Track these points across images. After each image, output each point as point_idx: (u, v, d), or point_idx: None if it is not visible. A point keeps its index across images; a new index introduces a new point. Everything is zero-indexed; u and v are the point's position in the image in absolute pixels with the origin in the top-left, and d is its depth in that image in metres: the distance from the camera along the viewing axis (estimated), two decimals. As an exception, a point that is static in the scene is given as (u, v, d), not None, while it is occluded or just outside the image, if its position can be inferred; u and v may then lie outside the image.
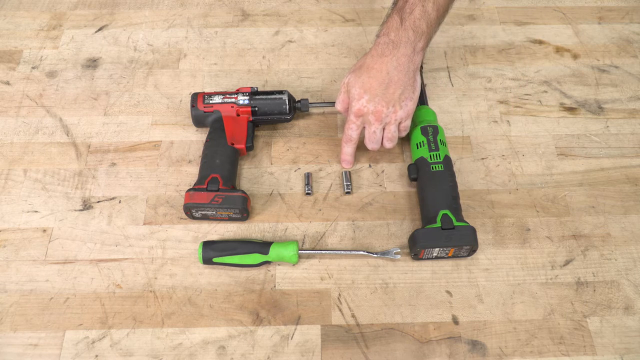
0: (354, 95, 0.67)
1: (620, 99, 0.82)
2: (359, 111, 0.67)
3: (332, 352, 0.60)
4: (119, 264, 0.66)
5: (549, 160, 0.75)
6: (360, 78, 0.66)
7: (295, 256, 0.64)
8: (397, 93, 0.66)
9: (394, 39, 0.64)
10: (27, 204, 0.71)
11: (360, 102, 0.66)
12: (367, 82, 0.65)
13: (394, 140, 0.70)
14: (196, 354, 0.60)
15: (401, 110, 0.67)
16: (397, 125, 0.69)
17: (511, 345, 0.61)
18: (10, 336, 0.61)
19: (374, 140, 0.69)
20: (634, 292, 0.64)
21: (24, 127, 0.78)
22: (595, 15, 0.92)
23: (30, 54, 0.86)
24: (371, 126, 0.68)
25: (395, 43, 0.64)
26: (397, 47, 0.64)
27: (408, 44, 0.64)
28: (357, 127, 0.69)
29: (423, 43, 0.66)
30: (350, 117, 0.68)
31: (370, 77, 0.65)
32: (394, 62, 0.64)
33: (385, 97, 0.65)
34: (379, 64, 0.65)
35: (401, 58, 0.64)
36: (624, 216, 0.70)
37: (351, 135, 0.70)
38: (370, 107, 0.66)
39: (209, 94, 0.74)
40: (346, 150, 0.72)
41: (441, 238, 0.62)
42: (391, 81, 0.65)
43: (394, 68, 0.65)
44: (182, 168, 0.74)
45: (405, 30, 0.64)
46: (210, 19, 0.91)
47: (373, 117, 0.67)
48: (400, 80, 0.65)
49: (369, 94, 0.66)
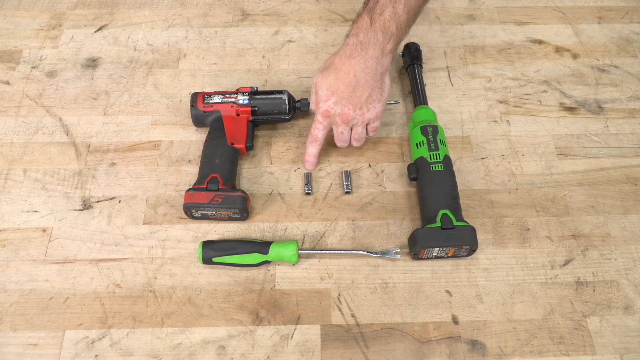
0: (321, 96, 0.66)
1: (620, 99, 0.82)
2: (326, 113, 0.66)
3: (332, 352, 0.60)
4: (119, 264, 0.66)
5: (549, 160, 0.75)
6: (327, 79, 0.66)
7: (295, 256, 0.64)
8: (365, 96, 0.65)
9: (363, 40, 0.64)
10: (27, 204, 0.71)
11: (328, 104, 0.66)
12: (335, 84, 0.65)
13: (361, 140, 0.71)
14: (196, 354, 0.60)
15: (369, 113, 0.67)
16: (364, 126, 0.69)
17: (511, 345, 0.61)
18: (10, 336, 0.61)
19: (342, 139, 0.70)
20: (634, 292, 0.64)
21: (24, 127, 0.78)
22: (595, 15, 0.92)
23: (30, 54, 0.86)
24: (339, 127, 0.68)
25: (364, 45, 0.64)
26: (366, 49, 0.64)
27: (377, 45, 0.64)
28: (323, 128, 0.68)
29: (392, 45, 0.65)
30: (317, 117, 0.68)
31: (338, 79, 0.65)
32: (362, 64, 0.64)
33: (353, 100, 0.65)
34: (347, 65, 0.65)
35: (369, 60, 0.64)
36: (624, 216, 0.70)
37: (317, 136, 0.69)
38: (338, 110, 0.66)
39: (209, 94, 0.74)
40: (310, 151, 0.71)
41: (441, 238, 0.62)
42: (359, 84, 0.65)
43: (361, 70, 0.64)
44: (182, 168, 0.74)
45: (375, 32, 0.64)
46: (210, 19, 0.91)
47: (340, 119, 0.67)
48: (367, 83, 0.65)
49: (336, 96, 0.65)
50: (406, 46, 0.83)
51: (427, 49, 0.87)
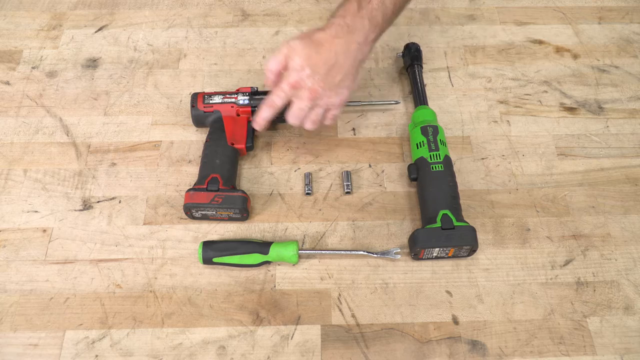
0: (294, 64, 0.63)
1: (620, 99, 0.82)
2: (296, 83, 0.63)
3: (332, 352, 0.60)
4: (119, 264, 0.66)
5: (549, 160, 0.75)
6: (307, 49, 0.63)
7: (295, 256, 0.64)
8: (338, 78, 0.64)
9: (350, 23, 0.63)
10: (27, 204, 0.71)
11: (300, 75, 0.63)
12: (314, 57, 0.62)
13: (316, 124, 0.67)
14: (196, 354, 0.60)
15: (336, 97, 0.65)
16: (324, 110, 0.66)
17: (511, 345, 0.61)
18: (10, 336, 0.61)
19: (297, 116, 0.66)
20: (634, 292, 0.64)
21: (24, 127, 0.78)
22: (595, 15, 0.92)
23: (30, 54, 0.86)
24: (301, 102, 0.64)
25: (350, 28, 0.63)
26: (352, 33, 0.63)
27: (362, 32, 0.63)
28: (285, 97, 0.65)
29: (375, 35, 0.65)
30: (283, 85, 0.64)
31: (318, 52, 0.62)
32: (345, 46, 0.63)
33: (326, 78, 0.63)
34: (329, 43, 0.63)
35: (352, 44, 0.63)
36: (624, 216, 0.70)
37: (275, 103, 0.66)
38: (309, 83, 0.63)
39: (209, 94, 0.74)
40: (264, 114, 0.67)
41: (441, 238, 0.62)
42: (336, 64, 0.63)
43: (342, 52, 0.63)
44: (182, 168, 0.74)
45: (362, 18, 0.63)
46: (210, 19, 0.91)
47: (307, 93, 0.63)
48: (345, 66, 0.63)
49: (311, 69, 0.62)
50: (406, 46, 0.83)
51: (427, 49, 0.87)
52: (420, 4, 0.94)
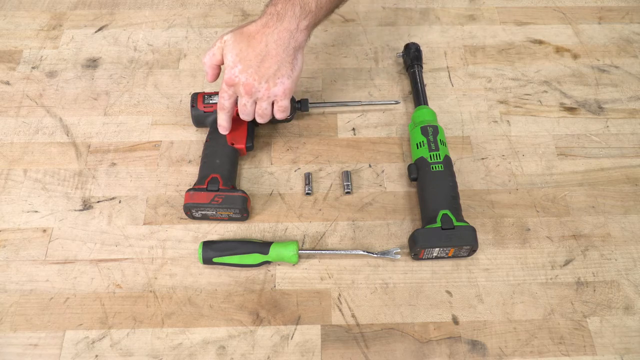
0: (228, 62, 0.64)
1: (620, 99, 0.82)
2: (230, 80, 0.64)
3: (332, 352, 0.60)
4: (119, 264, 0.66)
5: (549, 160, 0.75)
6: (238, 44, 0.63)
7: (295, 256, 0.64)
8: (273, 69, 0.63)
9: (280, 10, 0.62)
10: (27, 204, 0.71)
11: (233, 71, 0.63)
12: (244, 51, 0.62)
13: (265, 117, 0.67)
14: (196, 354, 0.60)
15: (275, 88, 0.64)
16: (269, 102, 0.66)
17: (511, 345, 0.61)
18: (10, 336, 0.61)
19: (244, 112, 0.67)
20: (634, 292, 0.64)
21: (24, 127, 0.78)
22: (595, 15, 0.92)
23: (30, 54, 0.86)
24: (242, 98, 0.65)
25: (280, 15, 0.62)
26: (281, 20, 0.62)
27: (293, 18, 0.62)
28: (229, 97, 0.66)
29: (308, 22, 0.64)
30: (222, 85, 0.66)
31: (249, 46, 0.62)
32: (275, 35, 0.62)
33: (259, 70, 0.63)
34: (260, 34, 0.62)
35: (283, 32, 0.62)
36: (624, 216, 0.70)
37: (224, 104, 0.67)
38: (242, 79, 0.63)
39: (209, 94, 0.74)
40: (221, 117, 0.69)
41: (441, 238, 0.62)
42: (268, 54, 0.62)
43: (273, 41, 0.62)
44: (182, 168, 0.74)
45: (293, 5, 0.62)
46: (210, 19, 0.91)
47: (243, 89, 0.64)
48: (278, 56, 0.63)
49: (243, 64, 0.63)
50: (406, 46, 0.83)
51: (427, 49, 0.87)
52: (420, 4, 0.94)
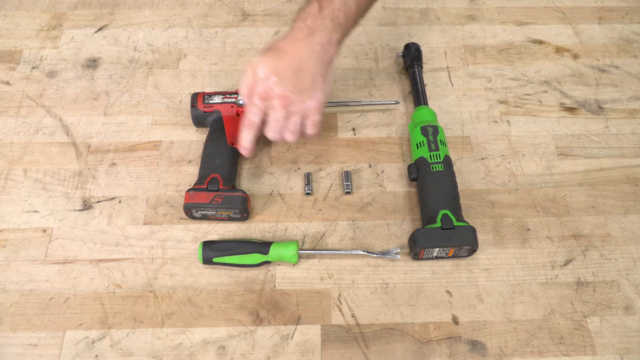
0: (260, 75, 0.61)
1: (620, 99, 0.82)
2: (264, 93, 0.62)
3: (332, 352, 0.60)
4: (119, 264, 0.66)
5: (549, 160, 0.75)
6: (270, 59, 0.62)
7: (295, 256, 0.64)
8: (308, 82, 0.62)
9: (311, 25, 0.61)
10: (27, 204, 0.71)
11: (267, 84, 0.61)
12: (277, 64, 0.61)
13: (295, 133, 0.64)
14: (196, 354, 0.60)
15: (310, 101, 0.63)
16: (301, 117, 0.64)
17: (511, 345, 0.61)
18: (10, 336, 0.61)
19: (275, 128, 0.64)
20: (634, 292, 0.64)
21: (24, 127, 0.78)
22: (595, 15, 0.92)
23: (30, 54, 0.86)
24: (275, 112, 0.63)
25: (311, 30, 0.61)
26: (313, 34, 0.61)
27: (324, 32, 0.62)
28: (259, 112, 0.63)
29: (339, 36, 0.63)
30: (253, 99, 0.63)
31: (281, 59, 0.61)
32: (308, 48, 0.61)
33: (295, 82, 0.61)
34: (291, 47, 0.62)
35: (315, 46, 0.61)
36: (624, 216, 0.70)
37: (253, 121, 0.64)
38: (277, 91, 0.61)
39: (209, 94, 0.74)
40: (246, 136, 0.65)
41: (441, 238, 0.62)
42: (302, 67, 0.61)
43: (306, 54, 0.61)
44: (182, 168, 0.74)
45: (324, 18, 0.61)
46: (210, 19, 0.91)
47: (278, 102, 0.62)
48: (312, 68, 0.62)
49: (277, 76, 0.61)
50: (406, 46, 0.83)
51: (427, 49, 0.87)
52: (420, 4, 0.94)
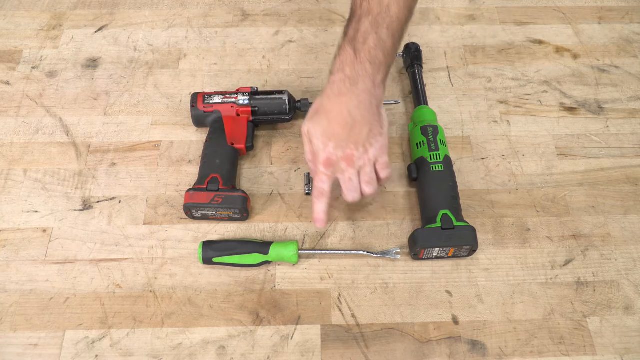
0: (318, 145, 0.60)
1: (620, 99, 0.82)
2: (327, 161, 0.60)
3: (332, 352, 0.60)
4: (119, 264, 0.66)
5: (549, 160, 0.75)
6: (320, 125, 0.59)
7: (295, 256, 0.64)
8: (365, 132, 0.59)
9: (350, 74, 0.57)
10: (27, 204, 0.71)
11: (327, 151, 0.59)
12: (329, 128, 0.59)
13: (372, 183, 0.62)
14: (196, 354, 0.60)
15: (372, 149, 0.60)
16: (372, 166, 0.62)
17: (511, 345, 0.61)
18: (10, 336, 0.61)
19: (352, 188, 0.61)
20: (634, 292, 0.64)
21: (24, 127, 0.78)
22: (595, 15, 0.92)
23: (30, 54, 0.86)
24: (345, 173, 0.61)
25: (352, 79, 0.57)
26: (356, 84, 0.57)
27: (367, 78, 0.57)
28: (328, 179, 0.61)
29: (382, 75, 0.59)
30: (319, 168, 0.61)
31: (331, 121, 0.59)
32: (355, 100, 0.58)
33: (352, 138, 0.59)
34: (337, 105, 0.58)
35: (361, 95, 0.58)
36: (624, 216, 0.70)
37: (323, 189, 0.61)
38: (339, 154, 0.59)
39: (209, 94, 0.74)
40: (319, 207, 0.62)
41: (441, 238, 0.62)
42: (355, 122, 0.58)
43: (355, 107, 0.58)
44: (182, 168, 0.74)
45: (362, 63, 0.57)
46: (210, 19, 0.91)
47: (345, 163, 0.60)
48: (364, 119, 0.59)
49: (334, 140, 0.59)
50: (406, 46, 0.83)
51: (427, 49, 0.87)
52: (421, 4, 0.94)
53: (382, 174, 0.63)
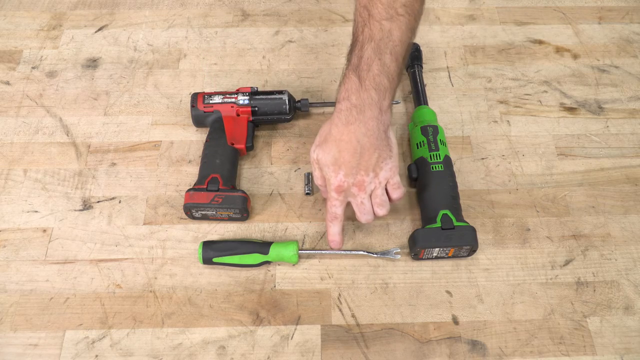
0: (328, 173, 0.61)
1: (620, 99, 0.82)
2: (339, 187, 0.61)
3: (332, 352, 0.60)
4: (119, 264, 0.66)
5: (549, 160, 0.75)
6: (330, 153, 0.60)
7: (295, 256, 0.64)
8: (374, 158, 0.60)
9: (356, 102, 0.58)
10: (27, 204, 0.71)
11: (338, 179, 0.60)
12: (339, 157, 0.60)
13: (384, 204, 0.63)
14: (196, 354, 0.60)
15: (382, 172, 0.61)
16: (383, 188, 0.62)
17: (511, 345, 0.61)
18: (10, 336, 0.61)
19: (364, 211, 0.63)
20: (634, 292, 0.64)
21: (24, 127, 0.78)
22: (595, 15, 0.92)
23: (30, 54, 0.86)
24: (356, 198, 0.62)
25: (358, 108, 0.58)
26: (362, 112, 0.58)
27: (373, 105, 0.58)
28: (340, 204, 0.63)
29: (389, 100, 0.60)
30: (331, 194, 0.62)
31: (341, 149, 0.59)
32: (362, 128, 0.58)
33: (362, 165, 0.60)
34: (346, 134, 0.59)
35: (369, 122, 0.58)
36: (624, 216, 0.70)
37: (336, 213, 0.63)
38: (350, 180, 0.60)
39: (209, 94, 0.74)
40: (333, 230, 0.64)
41: (441, 238, 0.62)
42: (364, 149, 0.59)
43: (363, 135, 0.59)
44: (182, 168, 0.74)
45: (367, 90, 0.58)
46: (210, 19, 0.91)
47: (356, 188, 0.61)
48: (373, 146, 0.59)
49: (344, 168, 0.60)
50: (406, 46, 0.83)
51: (427, 49, 0.87)
52: (420, 4, 0.94)
53: (394, 194, 0.63)
